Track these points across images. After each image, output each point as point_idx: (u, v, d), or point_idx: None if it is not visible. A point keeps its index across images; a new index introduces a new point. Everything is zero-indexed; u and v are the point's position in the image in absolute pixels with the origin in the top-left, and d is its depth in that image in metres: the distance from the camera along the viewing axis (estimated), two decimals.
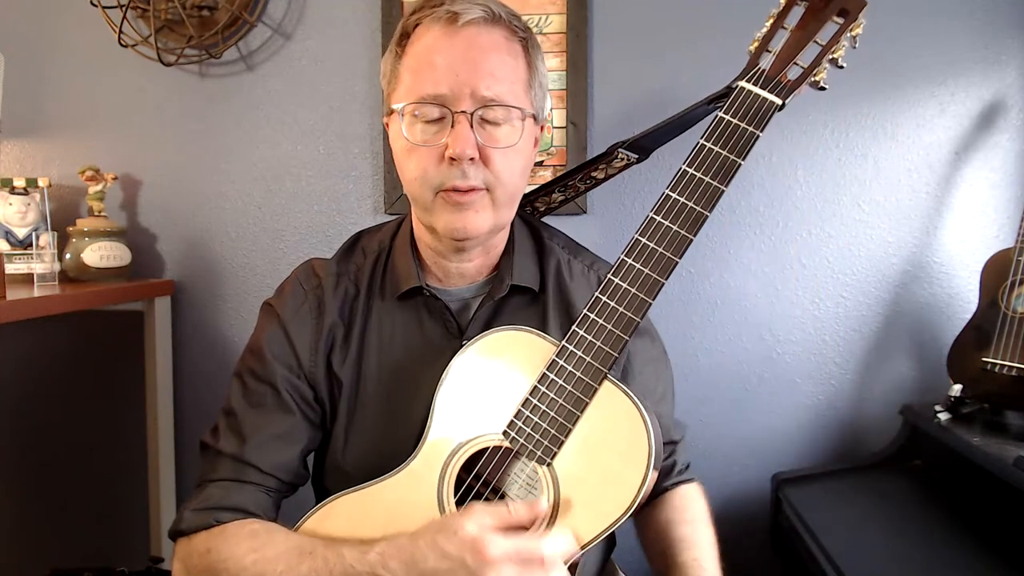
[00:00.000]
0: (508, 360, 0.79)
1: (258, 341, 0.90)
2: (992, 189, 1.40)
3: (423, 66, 0.80)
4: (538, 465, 0.76)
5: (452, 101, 0.79)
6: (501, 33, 0.82)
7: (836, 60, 0.78)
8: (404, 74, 0.83)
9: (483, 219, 0.82)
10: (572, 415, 0.74)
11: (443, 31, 0.80)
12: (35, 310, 1.26)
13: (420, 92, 0.80)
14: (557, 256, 0.94)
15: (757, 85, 0.77)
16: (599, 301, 0.76)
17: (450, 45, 0.80)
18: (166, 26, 1.53)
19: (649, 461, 0.72)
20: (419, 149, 0.81)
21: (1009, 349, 1.20)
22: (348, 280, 0.92)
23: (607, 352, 0.74)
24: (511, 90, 0.81)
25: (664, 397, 0.96)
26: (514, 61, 0.83)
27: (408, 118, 0.82)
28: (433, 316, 0.89)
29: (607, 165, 1.06)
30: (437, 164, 0.80)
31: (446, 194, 0.81)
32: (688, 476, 0.97)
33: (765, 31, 0.79)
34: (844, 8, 0.76)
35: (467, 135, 0.78)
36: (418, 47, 0.82)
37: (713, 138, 0.77)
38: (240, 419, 0.86)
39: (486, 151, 0.80)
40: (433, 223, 0.83)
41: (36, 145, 1.62)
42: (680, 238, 0.75)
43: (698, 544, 0.86)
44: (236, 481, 0.83)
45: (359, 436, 0.87)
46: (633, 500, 0.72)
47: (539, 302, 0.91)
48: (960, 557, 1.02)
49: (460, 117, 0.79)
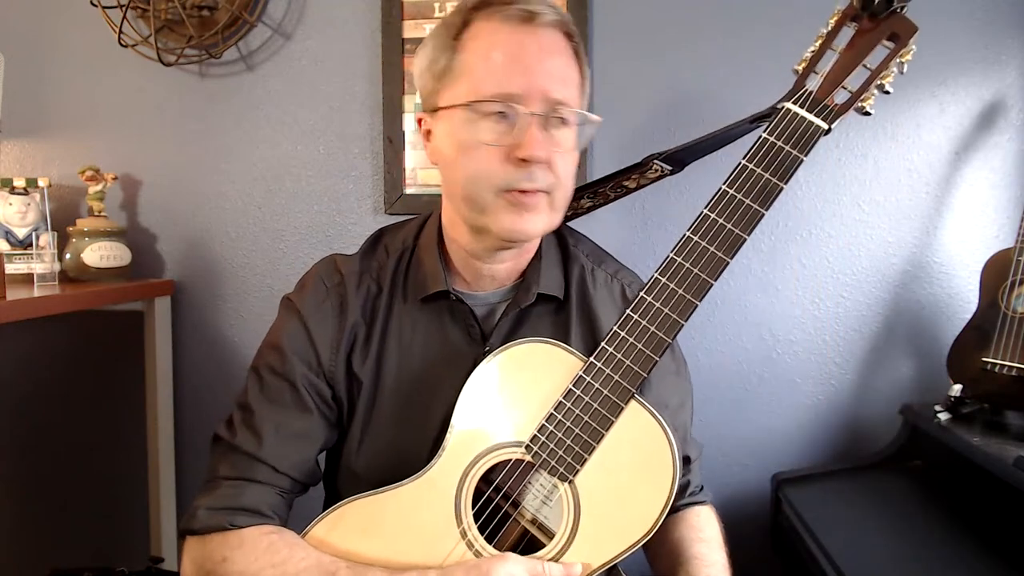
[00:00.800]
0: (533, 372, 0.78)
1: (277, 337, 0.88)
2: (992, 189, 1.40)
3: (494, 62, 0.77)
4: (560, 481, 0.75)
5: (524, 101, 0.77)
6: (565, 37, 0.81)
7: (883, 85, 0.76)
8: (465, 70, 0.79)
9: (541, 221, 0.82)
10: (597, 433, 0.74)
11: (516, 29, 0.78)
12: (35, 310, 1.26)
13: (491, 89, 0.77)
14: (581, 263, 0.93)
15: (804, 108, 0.76)
16: (630, 319, 0.75)
17: (523, 44, 0.77)
18: (166, 26, 1.53)
19: (673, 483, 0.72)
20: (481, 147, 0.78)
21: (1009, 349, 1.20)
22: (370, 278, 0.90)
23: (636, 372, 0.74)
24: (575, 95, 0.81)
25: (682, 408, 0.95)
26: (576, 66, 0.82)
27: (467, 114, 0.79)
28: (456, 320, 0.88)
29: (640, 175, 1.04)
30: (502, 164, 0.78)
31: (510, 195, 0.79)
32: (702, 498, 0.96)
33: (813, 52, 0.78)
34: (895, 32, 0.75)
35: (542, 137, 0.77)
36: (484, 42, 0.79)
37: (756, 159, 0.75)
38: (257, 415, 0.84)
39: (550, 154, 0.79)
40: (487, 223, 0.81)
41: (36, 145, 1.62)
42: (716, 260, 0.74)
43: (714, 564, 0.85)
44: (249, 480, 0.82)
45: (373, 438, 0.86)
46: (655, 522, 0.72)
47: (563, 311, 0.90)
48: (960, 557, 1.02)
49: (532, 119, 0.77)
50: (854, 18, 0.77)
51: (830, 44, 0.77)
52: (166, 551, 1.53)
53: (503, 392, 0.78)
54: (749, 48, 1.39)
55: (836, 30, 0.77)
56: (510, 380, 0.78)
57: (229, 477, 0.82)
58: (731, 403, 1.49)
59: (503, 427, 0.77)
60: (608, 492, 0.74)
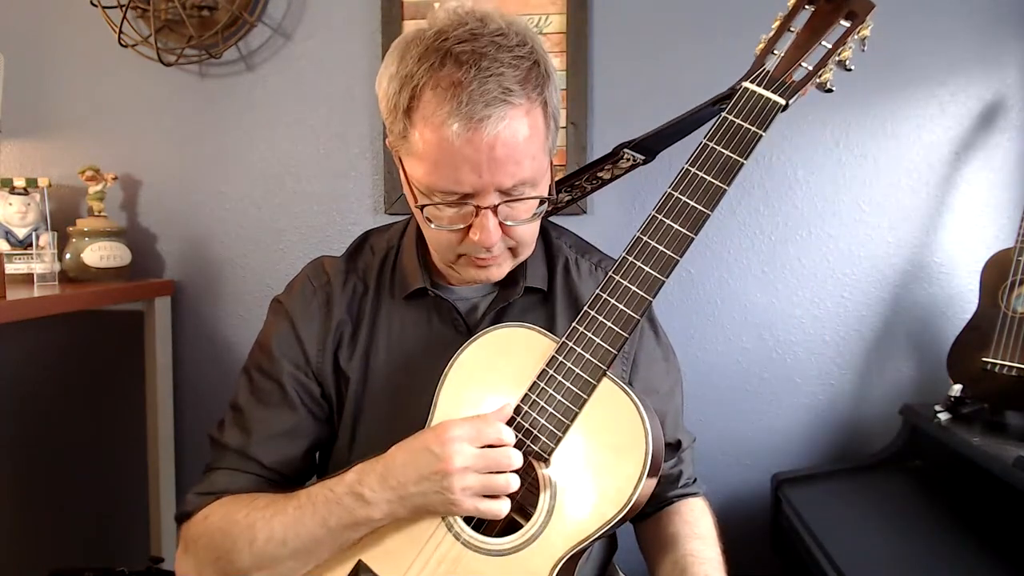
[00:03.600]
0: (510, 356, 0.79)
1: (267, 337, 0.90)
2: (992, 189, 1.40)
3: (441, 164, 0.74)
4: (536, 461, 0.76)
5: (477, 198, 0.75)
6: (521, 112, 0.73)
7: (844, 63, 0.77)
8: (417, 150, 0.75)
9: (505, 269, 0.84)
10: (571, 412, 0.75)
11: (462, 129, 0.71)
12: (35, 310, 1.26)
13: (440, 187, 0.75)
14: (565, 255, 0.94)
15: (761, 85, 0.77)
16: (600, 298, 0.76)
17: (474, 150, 0.72)
18: (166, 26, 1.53)
19: (646, 459, 0.72)
20: (441, 229, 0.79)
21: (1009, 349, 1.20)
22: (356, 278, 0.92)
23: (607, 349, 0.74)
24: (533, 166, 0.76)
25: (671, 394, 0.95)
26: (534, 133, 0.75)
27: (427, 202, 0.78)
28: (442, 316, 0.89)
29: (613, 166, 1.06)
30: (459, 239, 0.79)
31: (470, 259, 0.81)
32: (695, 490, 0.96)
33: (771, 33, 0.79)
34: (852, 11, 0.76)
35: (493, 228, 0.76)
36: (432, 134, 0.73)
37: (716, 138, 0.76)
38: (246, 415, 0.87)
39: (509, 227, 0.79)
40: (457, 272, 0.85)
41: (36, 145, 1.62)
42: (681, 237, 0.75)
43: (709, 560, 0.85)
44: (240, 471, 0.85)
45: (365, 432, 0.88)
46: (629, 498, 0.72)
47: (548, 302, 0.91)
48: (960, 557, 1.02)
49: (485, 211, 0.76)
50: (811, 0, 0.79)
51: (788, 25, 0.79)
52: (166, 551, 1.53)
53: (481, 376, 0.79)
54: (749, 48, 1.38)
55: (794, 12, 0.79)
56: (488, 364, 0.79)
57: (220, 468, 0.86)
58: (731, 403, 1.49)
59: (481, 410, 0.78)
60: (583, 470, 0.75)
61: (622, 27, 1.45)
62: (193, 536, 0.82)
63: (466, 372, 0.80)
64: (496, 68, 0.72)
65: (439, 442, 0.72)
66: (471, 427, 0.73)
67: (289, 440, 0.87)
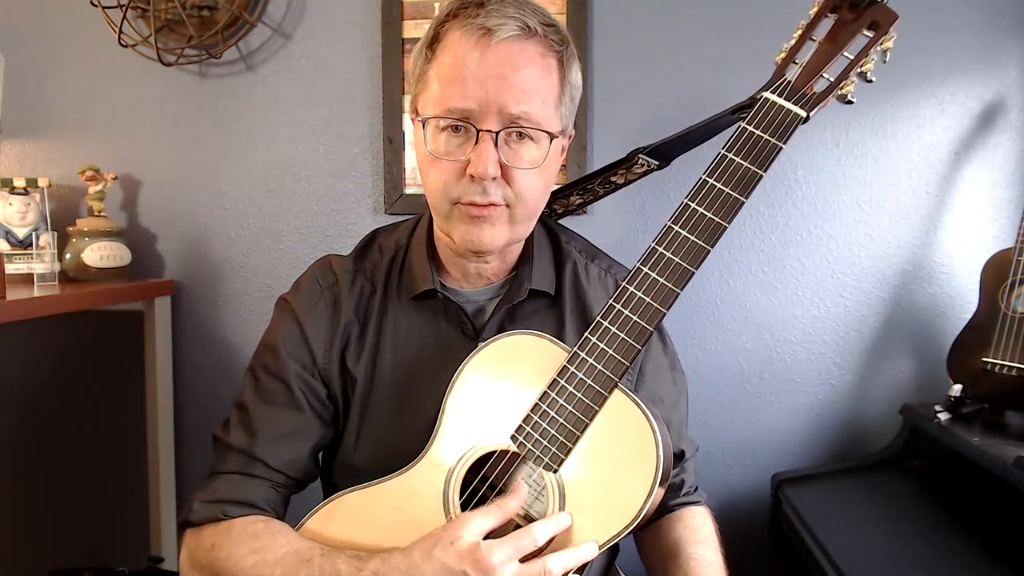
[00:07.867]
0: (519, 364, 0.78)
1: (273, 337, 0.89)
2: (992, 189, 1.40)
3: (452, 79, 0.77)
4: (545, 471, 0.75)
5: (478, 118, 0.77)
6: (536, 49, 0.78)
7: (865, 74, 0.76)
8: (432, 81, 0.80)
9: (499, 233, 0.82)
10: (581, 422, 0.74)
11: (475, 44, 0.77)
12: (35, 310, 1.26)
13: (447, 105, 0.78)
14: (574, 259, 0.94)
15: (782, 96, 0.76)
16: (613, 309, 0.75)
17: (481, 60, 0.76)
18: (166, 26, 1.53)
19: (657, 472, 0.72)
20: (441, 161, 0.79)
21: (1009, 349, 1.20)
22: (364, 278, 0.91)
23: (619, 361, 0.74)
24: (541, 108, 0.79)
25: (677, 404, 0.95)
26: (547, 77, 0.80)
27: (432, 128, 0.80)
28: (450, 317, 0.89)
29: (627, 171, 1.05)
30: (458, 177, 0.79)
31: (464, 207, 0.80)
32: (696, 498, 0.96)
33: (792, 42, 0.78)
34: (875, 21, 0.75)
35: (490, 154, 0.77)
36: (448, 57, 0.78)
37: (735, 149, 0.75)
38: (251, 414, 0.86)
39: (509, 169, 0.79)
40: (450, 232, 0.83)
41: (36, 145, 1.62)
42: (697, 248, 0.75)
43: (711, 564, 0.85)
44: (245, 475, 0.84)
45: (371, 434, 0.87)
46: (639, 511, 0.72)
47: (556, 306, 0.90)
48: (960, 557, 1.02)
49: (484, 135, 0.77)
50: (834, 9, 0.77)
51: (810, 34, 0.78)
52: (166, 551, 1.53)
53: (490, 384, 0.79)
54: (749, 48, 1.39)
55: (816, 20, 0.78)
56: (497, 372, 0.79)
57: (224, 472, 0.84)
58: (731, 403, 1.49)
59: (490, 419, 0.78)
60: (592, 481, 0.74)
61: (622, 27, 1.45)
62: (200, 562, 0.80)
63: (475, 380, 0.80)
64: (519, 9, 0.78)
65: (480, 569, 0.68)
66: (511, 547, 0.70)
67: (294, 440, 0.86)
